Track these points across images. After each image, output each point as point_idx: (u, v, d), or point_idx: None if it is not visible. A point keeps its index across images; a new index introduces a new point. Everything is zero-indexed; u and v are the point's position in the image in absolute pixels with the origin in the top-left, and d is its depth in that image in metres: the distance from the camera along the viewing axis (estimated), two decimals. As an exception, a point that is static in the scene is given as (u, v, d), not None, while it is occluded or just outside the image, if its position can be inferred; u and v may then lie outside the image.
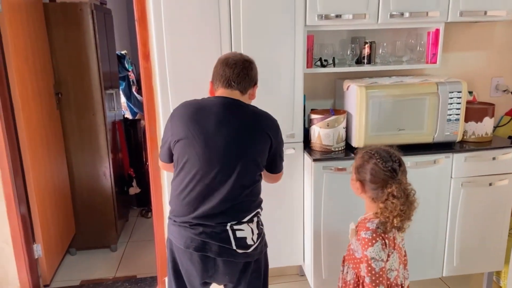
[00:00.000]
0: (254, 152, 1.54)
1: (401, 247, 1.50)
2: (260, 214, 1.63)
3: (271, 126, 1.60)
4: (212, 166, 1.49)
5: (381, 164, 1.39)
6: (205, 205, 1.51)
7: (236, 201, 1.52)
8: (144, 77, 2.21)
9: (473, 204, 2.21)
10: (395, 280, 1.43)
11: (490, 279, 2.42)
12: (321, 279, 2.23)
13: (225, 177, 1.50)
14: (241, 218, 1.53)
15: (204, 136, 1.50)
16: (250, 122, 1.56)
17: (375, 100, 2.09)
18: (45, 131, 2.61)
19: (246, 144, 1.52)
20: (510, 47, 2.58)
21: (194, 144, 1.50)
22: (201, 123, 1.51)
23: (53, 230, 2.68)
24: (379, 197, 1.41)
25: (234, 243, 1.52)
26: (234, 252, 1.53)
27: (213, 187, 1.50)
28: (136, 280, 2.67)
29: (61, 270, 2.82)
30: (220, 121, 1.51)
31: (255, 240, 1.56)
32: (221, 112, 1.53)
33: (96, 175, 2.97)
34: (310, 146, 2.22)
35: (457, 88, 2.11)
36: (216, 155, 1.49)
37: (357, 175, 1.46)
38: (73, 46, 2.74)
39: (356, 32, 2.36)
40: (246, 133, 1.53)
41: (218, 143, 1.50)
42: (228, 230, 1.51)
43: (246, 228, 1.54)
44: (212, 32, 2.00)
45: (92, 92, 2.83)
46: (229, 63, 1.57)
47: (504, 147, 2.19)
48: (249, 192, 1.55)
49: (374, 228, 1.38)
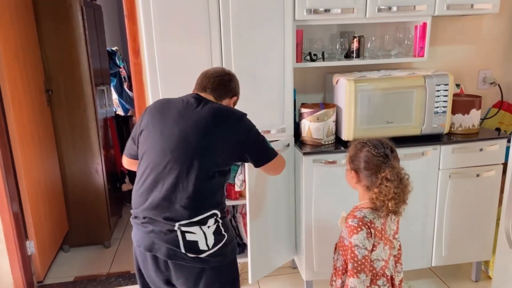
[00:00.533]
0: (211, 148, 1.47)
1: (392, 240, 1.53)
2: (219, 218, 1.51)
3: (235, 122, 1.52)
4: (164, 156, 1.46)
5: (374, 151, 1.43)
6: (152, 194, 1.46)
7: (184, 195, 1.44)
8: (134, 73, 2.22)
9: (461, 195, 2.25)
10: (381, 270, 1.46)
11: (479, 269, 2.47)
12: (313, 271, 2.26)
13: (175, 167, 1.44)
14: (190, 217, 1.44)
15: (162, 126, 1.50)
16: (211, 117, 1.50)
17: (364, 94, 2.12)
18: (36, 128, 2.61)
19: (202, 138, 1.46)
20: (497, 40, 2.61)
21: (151, 135, 1.51)
22: (162, 114, 1.53)
23: (46, 227, 2.68)
24: (373, 183, 1.43)
25: (183, 246, 1.44)
26: (184, 256, 1.45)
27: (162, 177, 1.46)
28: (130, 275, 2.68)
29: (54, 266, 2.83)
30: (180, 113, 1.50)
31: (210, 246, 1.46)
32: (183, 105, 1.53)
33: (88, 172, 2.97)
34: (301, 140, 2.25)
35: (444, 81, 2.14)
36: (168, 145, 1.46)
37: (351, 165, 1.49)
38: (63, 43, 2.73)
39: (345, 26, 2.38)
40: (205, 128, 1.47)
41: (174, 134, 1.47)
42: (177, 231, 1.44)
43: (198, 232, 1.45)
44: (201, 27, 2.00)
45: (82, 89, 2.82)
46: (208, 74, 1.63)
47: (491, 138, 2.23)
48: (201, 189, 1.46)
49: (361, 217, 1.41)
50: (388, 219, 1.47)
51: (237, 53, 2.06)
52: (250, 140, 1.55)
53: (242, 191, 2.28)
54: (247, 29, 2.05)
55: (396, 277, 1.55)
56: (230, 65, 2.06)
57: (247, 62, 2.08)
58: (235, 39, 2.04)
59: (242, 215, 2.38)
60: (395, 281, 1.53)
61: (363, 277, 1.39)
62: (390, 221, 1.49)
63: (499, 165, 2.23)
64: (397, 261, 1.58)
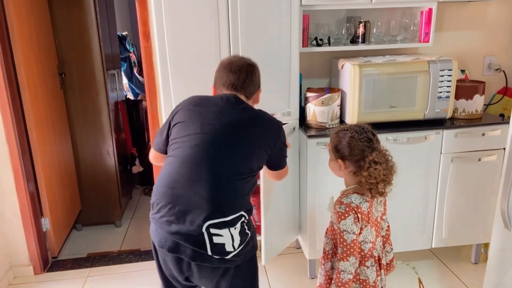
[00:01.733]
0: (245, 150, 1.47)
1: (380, 221, 1.58)
2: (246, 219, 1.47)
3: (271, 129, 1.56)
4: (201, 152, 1.44)
5: (357, 136, 1.47)
6: (183, 191, 1.43)
7: (216, 193, 1.41)
8: (144, 56, 2.28)
9: (462, 179, 2.30)
10: (369, 252, 1.52)
11: (479, 251, 2.53)
12: (315, 249, 2.34)
13: (210, 164, 1.42)
14: (220, 216, 1.40)
15: (202, 121, 1.48)
16: (249, 120, 1.52)
17: (368, 78, 2.16)
18: (50, 110, 2.69)
19: (238, 139, 1.46)
20: (502, 26, 2.62)
21: (190, 126, 1.48)
22: (201, 109, 1.51)
23: (60, 205, 2.79)
24: (360, 168, 1.47)
25: (209, 248, 1.41)
26: (210, 258, 1.42)
27: (195, 173, 1.42)
28: (140, 252, 2.79)
29: (68, 244, 2.95)
30: (221, 111, 1.50)
31: (235, 247, 1.44)
32: (224, 104, 1.52)
33: (100, 154, 3.07)
34: (306, 124, 2.30)
35: (447, 66, 2.17)
36: (206, 142, 1.45)
37: (336, 154, 1.51)
38: (75, 27, 2.80)
39: (352, 11, 2.41)
40: (242, 129, 1.48)
41: (212, 131, 1.45)
42: (204, 233, 1.39)
43: (225, 234, 1.41)
44: (210, 11, 2.05)
45: (94, 73, 2.90)
46: (233, 69, 1.57)
47: (493, 123, 2.26)
48: (234, 189, 1.45)
49: (347, 203, 1.45)
50: (374, 201, 1.51)
51: (244, 37, 2.10)
52: (278, 147, 1.59)
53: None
54: (254, 13, 2.09)
55: (384, 257, 1.61)
56: (237, 49, 2.11)
57: (254, 46, 2.12)
58: (243, 24, 2.09)
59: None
60: (382, 261, 1.59)
61: (353, 260, 1.45)
62: (377, 203, 1.53)
63: (500, 150, 2.27)
64: (385, 242, 1.63)
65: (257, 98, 1.66)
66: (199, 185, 1.41)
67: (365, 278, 1.52)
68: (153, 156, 1.67)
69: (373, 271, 1.52)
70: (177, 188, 1.43)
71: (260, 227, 2.18)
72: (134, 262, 2.68)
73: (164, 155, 1.58)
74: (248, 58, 1.65)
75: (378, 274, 1.54)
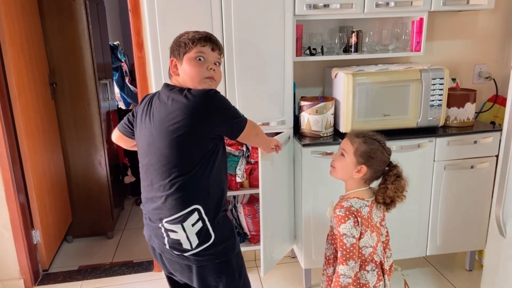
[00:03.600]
0: (171, 137, 1.36)
1: (379, 227, 1.58)
2: (205, 215, 1.40)
3: (189, 106, 1.34)
4: (146, 151, 1.44)
5: (386, 149, 1.51)
6: (144, 190, 1.48)
7: (164, 192, 1.38)
8: (138, 67, 2.27)
9: (456, 186, 2.32)
10: (370, 256, 1.53)
11: (473, 258, 2.54)
12: (311, 259, 2.33)
13: (154, 162, 1.41)
14: (170, 214, 1.39)
15: (139, 117, 1.50)
16: (165, 107, 1.39)
17: (361, 87, 2.18)
18: (41, 120, 2.66)
19: (163, 131, 1.37)
20: (492, 35, 2.67)
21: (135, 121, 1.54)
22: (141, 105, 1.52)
23: (51, 217, 2.75)
24: (373, 178, 1.53)
25: (167, 243, 1.43)
26: (171, 252, 1.44)
27: (147, 173, 1.44)
28: (133, 264, 2.75)
29: (59, 256, 2.89)
30: (151, 104, 1.45)
31: (193, 246, 1.40)
32: (155, 96, 1.48)
33: (91, 164, 3.03)
34: (300, 132, 2.31)
35: (439, 74, 2.20)
36: (145, 138, 1.44)
37: (360, 159, 1.50)
38: (67, 36, 2.79)
39: (344, 21, 2.44)
40: (164, 118, 1.38)
41: (145, 126, 1.45)
42: (161, 228, 1.42)
43: (179, 231, 1.39)
44: (203, 21, 2.05)
45: (86, 82, 2.88)
46: None
47: (485, 131, 2.29)
48: (178, 182, 1.37)
49: (347, 206, 1.47)
50: (373, 207, 1.53)
51: (238, 47, 2.11)
52: (221, 117, 1.46)
53: (243, 181, 2.35)
54: (248, 23, 2.10)
55: (386, 262, 1.61)
56: (231, 58, 2.11)
57: (249, 55, 2.13)
58: (237, 33, 2.09)
59: (242, 205, 2.44)
60: (385, 266, 1.59)
61: (352, 264, 1.46)
62: (376, 209, 1.54)
63: (492, 157, 2.29)
64: (385, 247, 1.64)
65: (170, 68, 1.50)
66: (149, 186, 1.46)
67: (365, 282, 1.52)
68: (114, 136, 1.71)
69: (373, 276, 1.52)
70: (142, 189, 1.51)
71: (259, 237, 2.16)
72: (127, 274, 2.64)
73: (124, 137, 1.66)
74: None
75: (380, 279, 1.54)
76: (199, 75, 1.41)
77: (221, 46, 1.50)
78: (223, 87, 2.14)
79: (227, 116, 1.42)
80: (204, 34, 1.45)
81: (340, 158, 1.57)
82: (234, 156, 2.35)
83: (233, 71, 2.13)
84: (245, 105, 2.19)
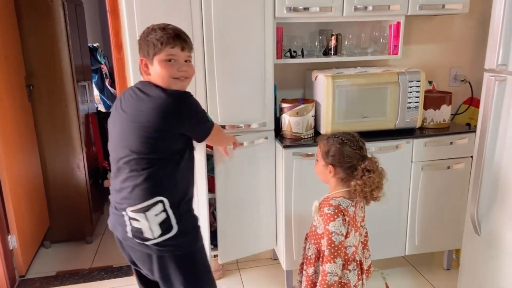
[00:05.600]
0: (141, 133, 1.39)
1: (360, 227, 1.61)
2: (169, 207, 1.44)
3: (157, 104, 1.38)
4: (116, 138, 1.49)
5: (349, 144, 1.51)
6: (112, 180, 1.52)
7: (132, 182, 1.42)
8: (117, 68, 2.25)
9: (433, 186, 2.36)
10: (352, 256, 1.55)
11: (450, 257, 2.59)
12: (292, 260, 2.33)
13: (119, 154, 1.45)
14: (135, 203, 1.42)
15: (114, 109, 1.55)
16: (138, 103, 1.43)
17: (341, 89, 2.20)
18: (17, 123, 2.60)
19: (133, 126, 1.41)
20: (467, 39, 2.74)
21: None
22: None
23: (28, 222, 2.68)
24: (349, 176, 1.52)
25: (130, 231, 1.45)
26: (132, 240, 1.46)
27: (114, 164, 1.49)
28: (113, 269, 2.71)
29: (36, 262, 2.82)
30: (126, 98, 1.50)
31: (155, 236, 1.43)
32: (130, 91, 1.51)
33: (69, 168, 2.98)
34: (281, 134, 2.32)
35: (416, 77, 2.24)
36: (116, 130, 1.49)
37: (327, 160, 1.54)
38: (44, 37, 2.73)
39: (324, 24, 2.47)
40: (137, 114, 1.41)
41: (118, 119, 1.49)
42: (125, 216, 1.45)
43: (142, 220, 1.42)
44: (183, 22, 2.03)
45: (64, 84, 2.83)
46: None
47: (460, 132, 2.35)
48: (145, 174, 1.40)
49: (336, 205, 1.48)
50: (357, 207, 1.55)
51: (218, 49, 2.11)
52: (187, 121, 1.51)
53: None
54: (228, 26, 2.10)
55: (365, 262, 1.64)
56: (212, 60, 2.11)
57: (229, 57, 2.13)
58: (217, 36, 2.09)
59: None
60: (364, 266, 1.61)
61: (339, 261, 1.47)
62: (358, 209, 1.57)
63: (468, 158, 2.35)
64: (364, 247, 1.66)
65: (141, 68, 1.52)
66: (115, 177, 1.50)
67: (347, 281, 1.53)
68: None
69: (354, 275, 1.54)
70: (112, 179, 1.54)
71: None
72: (106, 279, 2.60)
73: None
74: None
75: (359, 278, 1.56)
76: (170, 76, 1.44)
77: (190, 43, 1.49)
78: (203, 89, 2.14)
79: (196, 119, 1.47)
80: (172, 33, 1.43)
81: (316, 163, 1.62)
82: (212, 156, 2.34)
83: (213, 73, 2.13)
84: (226, 107, 2.20)
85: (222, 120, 2.20)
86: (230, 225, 2.33)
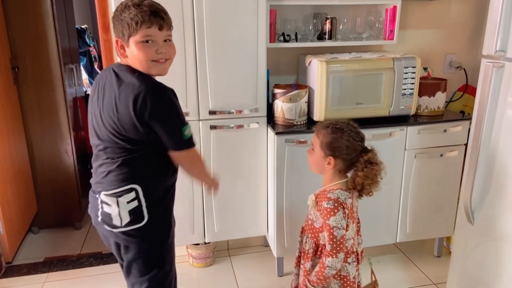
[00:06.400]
0: (113, 122, 1.32)
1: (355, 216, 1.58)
2: (142, 196, 1.38)
3: (130, 95, 1.27)
4: (95, 124, 1.41)
5: (353, 135, 1.45)
6: (93, 164, 1.47)
7: (107, 168, 1.38)
8: (104, 50, 2.18)
9: (425, 174, 2.35)
10: (351, 248, 1.52)
11: (441, 244, 2.60)
12: (283, 247, 2.32)
13: (102, 142, 1.38)
14: (108, 188, 1.39)
15: (92, 92, 1.46)
16: (113, 90, 1.33)
17: (335, 75, 2.16)
18: (2, 106, 2.52)
19: (106, 113, 1.34)
20: (463, 25, 2.70)
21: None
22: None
23: (14, 207, 2.62)
24: (348, 167, 1.48)
25: (100, 215, 1.41)
26: (102, 226, 1.42)
27: (94, 150, 1.45)
28: (102, 255, 2.67)
29: (23, 248, 2.78)
30: (103, 84, 1.40)
31: (123, 224, 1.38)
32: (108, 75, 1.41)
33: (57, 153, 2.91)
34: (274, 120, 2.27)
35: (411, 63, 2.20)
36: (94, 113, 1.41)
37: (328, 151, 1.47)
38: (30, 18, 2.64)
39: (318, 7, 2.41)
40: (110, 102, 1.33)
41: (95, 103, 1.41)
42: (98, 199, 1.41)
43: (113, 204, 1.37)
44: (172, 4, 1.98)
45: (50, 67, 2.74)
46: None
47: (454, 120, 2.32)
48: (120, 160, 1.36)
49: (335, 198, 1.43)
50: (353, 198, 1.51)
51: (210, 32, 2.05)
52: (158, 120, 1.41)
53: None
54: (220, 8, 2.03)
55: (359, 250, 1.62)
56: (203, 43, 2.05)
57: (221, 41, 2.07)
58: (208, 19, 2.03)
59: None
60: (359, 256, 1.59)
61: (342, 256, 1.43)
62: (354, 199, 1.53)
63: (461, 146, 2.33)
64: (357, 233, 1.64)
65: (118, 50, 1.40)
66: (94, 161, 1.46)
67: (346, 274, 1.51)
68: None
69: (353, 267, 1.52)
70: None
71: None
72: (95, 265, 2.56)
73: None
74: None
75: (357, 269, 1.54)
76: (148, 59, 1.31)
77: (169, 20, 1.34)
78: (194, 73, 2.08)
79: (169, 122, 1.33)
80: (148, 10, 1.27)
81: (311, 152, 1.55)
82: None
83: (204, 57, 2.07)
84: (217, 92, 2.14)
85: (213, 105, 2.15)
86: (219, 207, 2.33)
